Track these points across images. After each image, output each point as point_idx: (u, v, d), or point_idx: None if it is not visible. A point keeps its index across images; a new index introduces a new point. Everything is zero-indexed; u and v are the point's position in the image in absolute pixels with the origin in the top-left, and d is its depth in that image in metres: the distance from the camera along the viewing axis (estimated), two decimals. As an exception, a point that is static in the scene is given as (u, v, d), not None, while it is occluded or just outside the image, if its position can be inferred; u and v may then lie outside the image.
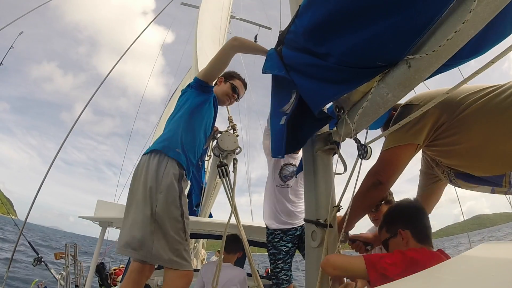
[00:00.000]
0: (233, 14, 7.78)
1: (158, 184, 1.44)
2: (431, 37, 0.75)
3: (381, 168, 1.21)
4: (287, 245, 2.31)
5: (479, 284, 0.43)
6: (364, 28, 0.79)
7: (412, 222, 1.19)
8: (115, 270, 5.23)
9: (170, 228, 1.40)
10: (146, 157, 1.55)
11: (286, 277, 2.29)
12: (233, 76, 1.92)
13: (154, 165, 1.49)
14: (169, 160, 1.51)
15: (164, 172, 1.47)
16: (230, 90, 1.87)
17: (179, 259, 1.39)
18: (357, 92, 1.10)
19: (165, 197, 1.43)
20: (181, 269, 1.39)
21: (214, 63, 1.66)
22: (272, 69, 1.26)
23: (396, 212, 1.29)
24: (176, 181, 1.49)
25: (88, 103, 2.55)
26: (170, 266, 1.38)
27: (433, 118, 1.14)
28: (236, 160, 1.89)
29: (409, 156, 1.19)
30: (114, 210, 3.04)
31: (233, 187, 1.81)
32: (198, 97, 1.69)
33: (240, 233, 1.76)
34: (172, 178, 1.47)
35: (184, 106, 1.67)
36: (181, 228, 1.45)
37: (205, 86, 1.70)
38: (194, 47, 4.03)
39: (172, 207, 1.44)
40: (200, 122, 1.67)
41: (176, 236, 1.41)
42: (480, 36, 0.72)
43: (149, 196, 1.42)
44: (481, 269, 0.50)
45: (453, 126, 1.12)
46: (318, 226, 1.26)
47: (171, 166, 1.50)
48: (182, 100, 1.73)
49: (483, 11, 0.63)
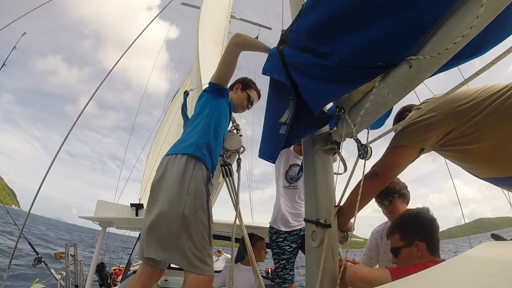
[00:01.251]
0: (233, 14, 7.78)
1: (186, 186, 1.41)
2: (433, 38, 0.75)
3: (380, 161, 1.23)
4: (291, 245, 2.31)
5: (479, 284, 0.43)
6: (368, 28, 0.79)
7: (430, 235, 1.23)
8: (115, 270, 5.23)
9: (197, 232, 1.38)
10: (171, 158, 1.50)
11: (288, 276, 2.29)
12: (250, 86, 1.91)
13: (181, 166, 1.45)
14: (197, 161, 1.48)
15: (192, 174, 1.44)
16: (245, 101, 1.88)
17: (202, 264, 1.37)
18: (357, 92, 1.10)
19: (194, 201, 1.40)
20: (203, 274, 1.37)
21: (223, 65, 1.65)
22: (272, 72, 1.26)
23: (414, 222, 1.30)
24: (204, 184, 1.47)
25: (92, 97, 2.56)
26: (192, 271, 1.36)
27: (442, 124, 1.14)
28: (240, 159, 1.89)
29: (410, 157, 1.20)
30: (114, 210, 3.04)
31: (238, 187, 1.79)
32: (215, 101, 1.68)
33: (243, 233, 1.75)
34: (200, 180, 1.45)
35: (204, 110, 1.65)
36: (207, 233, 1.43)
37: (221, 89, 1.69)
38: (195, 47, 4.03)
39: (200, 211, 1.42)
40: (220, 126, 1.67)
41: (202, 241, 1.39)
42: (481, 36, 0.72)
43: (176, 199, 1.39)
44: (481, 269, 0.50)
45: (465, 133, 1.12)
46: (318, 226, 1.26)
47: (199, 168, 1.47)
48: (201, 104, 1.70)
49: (486, 13, 0.63)
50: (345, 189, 1.23)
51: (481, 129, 1.09)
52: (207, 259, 1.40)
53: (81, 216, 3.26)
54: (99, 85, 2.61)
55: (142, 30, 3.10)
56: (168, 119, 8.64)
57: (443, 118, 1.13)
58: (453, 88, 0.84)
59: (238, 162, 1.88)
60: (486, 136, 1.08)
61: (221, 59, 1.66)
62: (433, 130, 1.15)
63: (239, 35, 1.57)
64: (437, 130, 1.15)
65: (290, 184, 2.40)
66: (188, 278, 1.37)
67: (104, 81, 2.60)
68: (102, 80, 2.62)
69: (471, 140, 1.12)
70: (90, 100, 2.57)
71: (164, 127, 8.59)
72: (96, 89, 2.61)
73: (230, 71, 1.68)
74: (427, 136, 1.15)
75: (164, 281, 3.69)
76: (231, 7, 6.40)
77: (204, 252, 1.39)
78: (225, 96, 1.73)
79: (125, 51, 2.85)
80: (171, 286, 3.77)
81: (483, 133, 1.09)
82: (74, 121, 2.41)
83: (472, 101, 1.11)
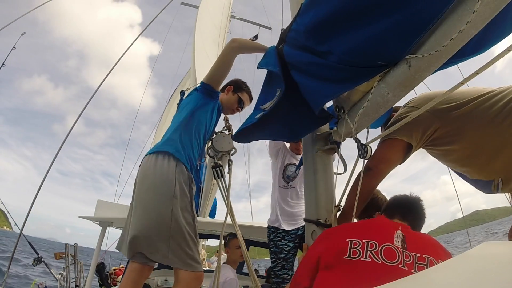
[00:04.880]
0: (233, 14, 7.79)
1: (171, 189, 1.43)
2: (431, 37, 0.74)
3: (372, 156, 1.25)
4: (288, 244, 2.31)
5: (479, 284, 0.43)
6: (366, 27, 0.79)
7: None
8: (115, 270, 5.23)
9: (185, 232, 1.42)
10: (152, 158, 1.51)
11: (287, 276, 2.29)
12: (242, 89, 1.89)
13: (164, 167, 1.47)
14: (177, 163, 1.49)
15: (175, 177, 1.46)
16: (236, 104, 1.86)
17: (192, 261, 1.42)
18: (357, 92, 1.10)
19: (179, 203, 1.43)
20: (194, 271, 1.42)
21: (217, 67, 1.66)
22: (266, 66, 1.27)
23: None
24: (186, 185, 1.50)
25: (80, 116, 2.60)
26: (186, 269, 1.40)
27: (426, 121, 1.17)
28: (231, 161, 1.88)
29: (398, 150, 1.22)
30: (114, 210, 3.04)
31: (229, 187, 1.80)
32: (201, 101, 1.68)
33: (236, 233, 1.75)
34: (182, 183, 1.47)
35: (186, 108, 1.66)
36: (193, 231, 1.47)
37: (211, 90, 1.70)
38: (192, 47, 4.03)
39: (185, 213, 1.45)
40: (200, 126, 1.66)
41: (190, 240, 1.44)
42: (481, 35, 0.72)
43: (163, 202, 1.41)
44: (481, 269, 0.50)
45: (449, 133, 1.15)
46: (318, 226, 1.26)
47: (180, 170, 1.49)
48: (185, 101, 1.71)
49: (484, 10, 0.63)
50: (345, 189, 1.23)
51: (462, 133, 1.13)
52: (197, 256, 1.45)
53: (81, 216, 3.26)
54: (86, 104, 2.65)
55: (139, 34, 3.12)
56: (166, 119, 8.64)
57: (427, 116, 1.15)
58: (453, 87, 0.84)
59: (229, 164, 1.87)
60: (465, 141, 1.13)
61: (215, 62, 1.67)
62: (418, 126, 1.17)
63: (235, 40, 1.58)
64: (421, 127, 1.17)
65: (287, 183, 2.41)
66: (182, 275, 1.41)
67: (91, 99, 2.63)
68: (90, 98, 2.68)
69: (453, 142, 1.15)
70: (78, 118, 2.59)
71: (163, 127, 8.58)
72: (84, 107, 2.66)
73: (223, 74, 1.69)
74: (413, 132, 1.18)
75: (164, 281, 3.70)
76: (231, 7, 6.41)
77: (194, 250, 1.45)
78: (213, 98, 1.73)
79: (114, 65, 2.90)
80: (171, 286, 3.78)
81: (463, 137, 1.13)
82: (63, 141, 2.43)
83: (454, 102, 1.14)
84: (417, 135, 1.19)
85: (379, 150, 1.25)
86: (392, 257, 0.83)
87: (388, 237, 0.89)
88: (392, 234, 0.90)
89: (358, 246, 0.87)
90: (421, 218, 1.12)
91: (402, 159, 1.25)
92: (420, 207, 1.14)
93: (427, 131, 1.18)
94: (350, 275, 0.83)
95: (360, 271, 0.83)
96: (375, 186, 1.27)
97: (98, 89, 2.93)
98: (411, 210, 1.10)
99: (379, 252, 0.84)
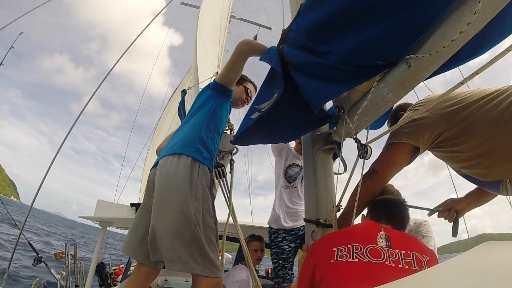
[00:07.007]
0: (233, 14, 7.78)
1: (193, 192, 1.38)
2: (432, 37, 0.74)
3: (378, 159, 1.26)
4: (290, 244, 2.31)
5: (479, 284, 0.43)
6: (366, 27, 0.79)
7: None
8: (115, 270, 5.23)
9: (207, 237, 1.37)
10: (174, 159, 1.45)
11: (288, 276, 2.29)
12: (245, 79, 1.91)
13: (187, 169, 1.41)
14: (200, 165, 1.45)
15: (198, 179, 1.41)
16: (244, 94, 1.87)
17: (212, 267, 1.36)
18: (357, 92, 1.10)
19: (202, 206, 1.39)
20: (215, 276, 1.37)
21: (229, 69, 1.63)
22: (270, 61, 1.26)
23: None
24: (208, 188, 1.46)
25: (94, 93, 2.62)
26: (205, 274, 1.34)
27: (433, 124, 1.17)
28: (233, 161, 1.88)
29: (405, 154, 1.22)
30: (114, 210, 3.04)
31: (230, 188, 1.79)
32: (218, 100, 1.66)
33: (238, 232, 1.75)
34: (205, 185, 1.43)
35: (204, 108, 1.62)
36: (215, 236, 1.43)
37: (225, 89, 1.68)
38: (194, 47, 4.04)
39: (207, 216, 1.40)
40: (220, 126, 1.65)
41: (211, 245, 1.38)
42: (480, 36, 0.72)
43: (186, 205, 1.35)
44: (481, 269, 0.50)
45: (456, 135, 1.15)
46: (318, 226, 1.26)
47: (203, 172, 1.45)
48: (201, 100, 1.68)
49: (484, 11, 0.63)
50: (345, 189, 1.23)
51: (469, 134, 1.12)
52: (217, 262, 1.40)
53: (81, 216, 3.26)
54: (101, 83, 2.65)
55: (142, 29, 3.11)
56: (166, 118, 8.64)
57: (435, 118, 1.16)
58: (453, 88, 0.84)
59: (231, 163, 1.87)
60: (472, 141, 1.12)
61: (227, 64, 1.64)
62: (425, 129, 1.18)
63: (247, 43, 1.54)
64: (429, 129, 1.17)
65: (289, 183, 2.41)
66: (200, 282, 1.35)
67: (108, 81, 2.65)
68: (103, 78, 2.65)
69: (461, 143, 1.15)
70: (92, 96, 2.61)
71: (162, 126, 8.59)
72: (98, 86, 2.66)
73: (235, 76, 1.68)
74: (420, 135, 1.18)
75: (164, 281, 3.70)
76: (231, 7, 6.40)
77: (214, 255, 1.39)
78: (228, 97, 1.72)
79: (126, 49, 2.90)
80: (171, 286, 3.78)
81: (470, 137, 1.12)
82: (76, 118, 2.44)
83: (461, 103, 1.14)
84: (424, 138, 1.18)
85: (386, 153, 1.24)
86: (378, 256, 0.87)
87: (372, 239, 0.93)
88: (375, 236, 0.94)
89: (344, 251, 0.91)
90: (405, 219, 1.14)
91: (408, 162, 1.25)
92: (404, 208, 1.16)
93: (434, 133, 1.17)
94: (339, 276, 0.87)
95: (349, 271, 0.86)
96: (379, 188, 1.27)
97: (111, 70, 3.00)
98: (395, 213, 1.12)
99: (364, 253, 0.88)
